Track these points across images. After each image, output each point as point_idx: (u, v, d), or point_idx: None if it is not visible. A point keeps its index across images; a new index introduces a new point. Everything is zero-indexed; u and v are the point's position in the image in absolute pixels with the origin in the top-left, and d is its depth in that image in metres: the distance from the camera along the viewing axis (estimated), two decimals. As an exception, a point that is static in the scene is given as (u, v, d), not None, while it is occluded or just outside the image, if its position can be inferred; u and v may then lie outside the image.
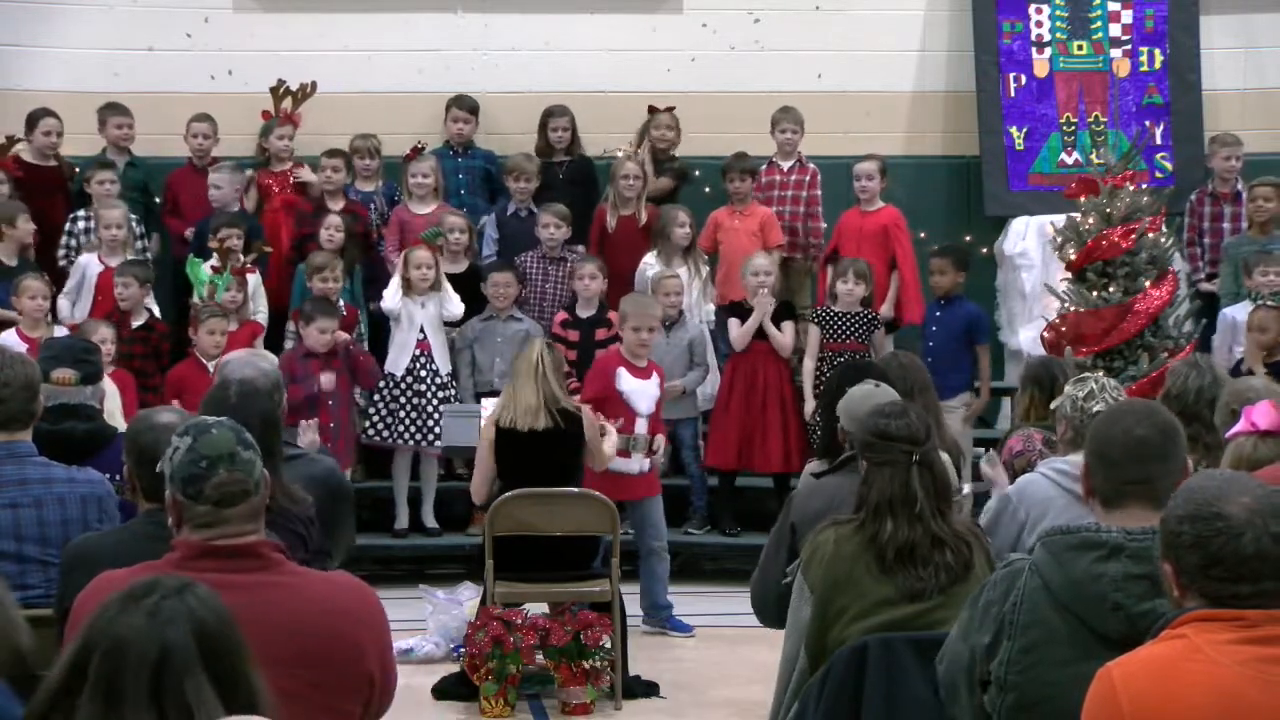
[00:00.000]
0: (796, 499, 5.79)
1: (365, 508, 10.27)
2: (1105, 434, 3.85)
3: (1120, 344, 9.66)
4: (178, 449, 3.62)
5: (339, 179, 11.25)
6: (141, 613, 2.67)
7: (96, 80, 11.76)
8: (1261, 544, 3.00)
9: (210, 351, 9.89)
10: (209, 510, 3.55)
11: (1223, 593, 3.02)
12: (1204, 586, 3.03)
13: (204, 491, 3.55)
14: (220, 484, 3.55)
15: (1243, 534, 3.01)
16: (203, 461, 3.57)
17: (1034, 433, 6.94)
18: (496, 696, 7.58)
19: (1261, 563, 3.00)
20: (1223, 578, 3.01)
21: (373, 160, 11.49)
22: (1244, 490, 3.09)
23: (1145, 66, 12.12)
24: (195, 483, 3.56)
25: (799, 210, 11.44)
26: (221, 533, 3.56)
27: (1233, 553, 3.00)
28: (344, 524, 5.64)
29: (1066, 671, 3.60)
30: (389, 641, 3.74)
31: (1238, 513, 3.03)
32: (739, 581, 9.53)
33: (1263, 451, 4.92)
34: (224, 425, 3.67)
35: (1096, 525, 3.73)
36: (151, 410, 4.87)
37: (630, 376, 9.20)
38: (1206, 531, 3.02)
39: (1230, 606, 3.00)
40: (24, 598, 4.98)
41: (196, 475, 3.57)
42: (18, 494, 5.23)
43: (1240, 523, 3.02)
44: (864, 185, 11.19)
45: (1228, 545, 3.01)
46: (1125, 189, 9.92)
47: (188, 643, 2.64)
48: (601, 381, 9.23)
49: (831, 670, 4.66)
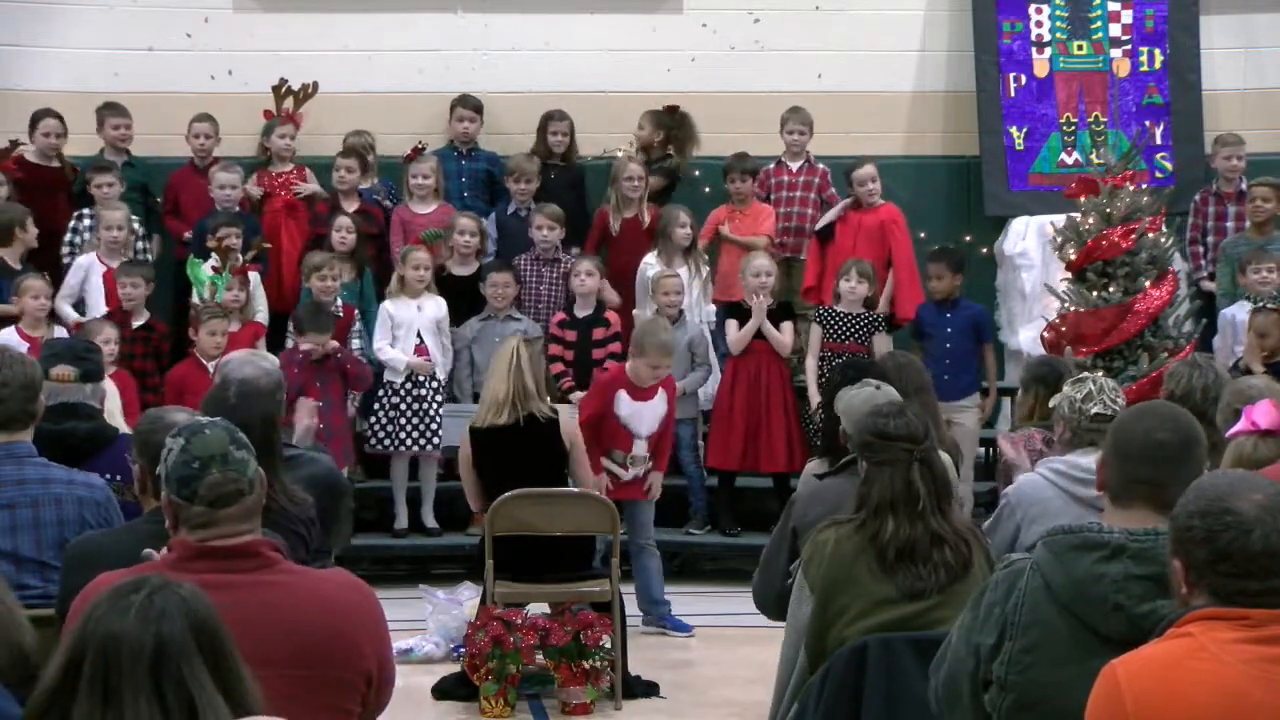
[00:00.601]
0: (797, 505, 5.80)
1: (365, 508, 10.28)
2: (1127, 431, 3.85)
3: (1120, 344, 9.66)
4: (171, 450, 3.62)
5: (352, 179, 11.25)
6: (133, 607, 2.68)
7: (97, 80, 11.77)
8: (1270, 541, 3.01)
9: (211, 352, 9.89)
10: (204, 511, 3.55)
11: (1230, 589, 3.01)
12: (1212, 582, 3.03)
13: (198, 492, 3.55)
14: (213, 484, 3.55)
15: (1252, 530, 3.01)
16: (195, 462, 3.57)
17: (1034, 433, 6.95)
18: (496, 696, 7.58)
19: (1270, 560, 3.00)
20: (1230, 573, 3.01)
21: (368, 157, 11.51)
22: (1256, 488, 3.09)
23: (1145, 66, 12.13)
24: (189, 484, 3.56)
25: (807, 211, 11.45)
26: (217, 533, 3.56)
27: (1241, 549, 3.01)
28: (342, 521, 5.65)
29: (1067, 671, 3.60)
30: (387, 640, 3.74)
31: (1248, 509, 3.03)
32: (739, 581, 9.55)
33: (1263, 451, 4.92)
34: (217, 425, 3.66)
35: (1099, 525, 3.72)
36: (162, 410, 4.86)
37: (630, 400, 9.11)
38: (1216, 526, 3.02)
39: (1237, 603, 3.00)
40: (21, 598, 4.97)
41: (190, 476, 3.57)
42: (16, 494, 5.22)
43: (1250, 519, 3.02)
44: (870, 189, 11.19)
45: (1236, 541, 3.01)
46: (1125, 189, 9.92)
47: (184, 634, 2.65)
48: (599, 402, 9.17)
49: (831, 670, 4.67)
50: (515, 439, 7.93)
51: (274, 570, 3.59)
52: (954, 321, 10.80)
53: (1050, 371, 7.31)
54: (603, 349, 10.65)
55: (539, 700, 7.81)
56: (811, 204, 11.45)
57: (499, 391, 7.96)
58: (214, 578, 3.36)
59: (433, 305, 10.58)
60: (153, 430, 4.47)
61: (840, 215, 11.16)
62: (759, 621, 5.88)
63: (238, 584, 3.47)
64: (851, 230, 11.17)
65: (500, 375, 8.01)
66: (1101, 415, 5.59)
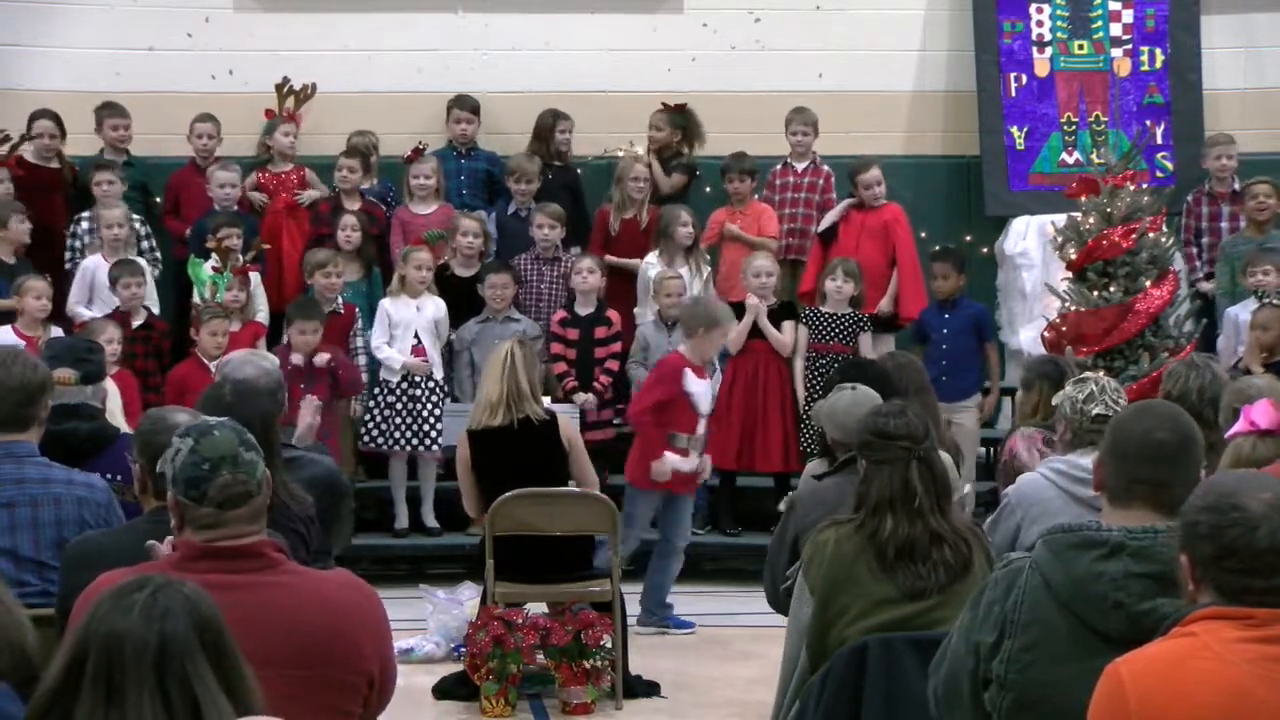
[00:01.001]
0: (798, 506, 5.80)
1: (365, 507, 10.27)
2: (1125, 431, 3.85)
3: (1121, 344, 9.65)
4: (179, 451, 3.61)
5: (355, 179, 11.25)
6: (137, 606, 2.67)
7: (97, 80, 11.77)
8: (1276, 539, 3.01)
9: (212, 352, 9.89)
10: (211, 512, 3.55)
11: (1235, 585, 3.02)
12: (1217, 578, 3.04)
13: (207, 494, 3.55)
14: (223, 486, 3.55)
15: (1258, 527, 3.02)
16: (205, 464, 3.57)
17: (1035, 433, 6.93)
18: (497, 696, 7.58)
19: (1276, 557, 3.01)
20: (1236, 570, 3.02)
21: (370, 157, 11.52)
22: (1264, 487, 3.10)
23: (1146, 66, 12.12)
24: (197, 485, 3.56)
25: (812, 213, 11.43)
26: (223, 534, 3.56)
27: (1246, 545, 3.01)
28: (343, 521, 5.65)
29: (1066, 670, 3.60)
30: (389, 640, 3.74)
31: (1256, 507, 3.04)
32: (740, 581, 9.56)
33: (1262, 451, 4.91)
34: (226, 426, 3.66)
35: (1098, 524, 3.73)
36: (164, 410, 4.84)
37: (695, 378, 9.16)
38: (1222, 522, 3.03)
39: (1242, 601, 3.01)
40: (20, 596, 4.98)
41: (199, 477, 3.57)
42: (15, 493, 5.22)
43: (1257, 516, 3.03)
44: (875, 192, 11.18)
45: (1242, 538, 3.02)
46: (1126, 189, 9.91)
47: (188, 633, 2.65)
48: (672, 384, 9.13)
49: (832, 670, 4.67)
50: (510, 441, 7.91)
51: (277, 571, 3.59)
52: (954, 321, 10.81)
53: (1054, 369, 7.27)
54: (605, 348, 10.65)
55: (540, 700, 7.81)
56: (816, 206, 11.43)
57: (492, 393, 7.94)
58: (216, 578, 3.36)
59: (431, 306, 10.57)
60: (154, 431, 4.46)
61: (842, 215, 11.16)
62: (760, 621, 5.90)
63: (240, 584, 3.48)
64: (855, 230, 11.17)
65: (494, 377, 7.98)
66: (1103, 416, 5.57)
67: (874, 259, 11.00)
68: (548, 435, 7.96)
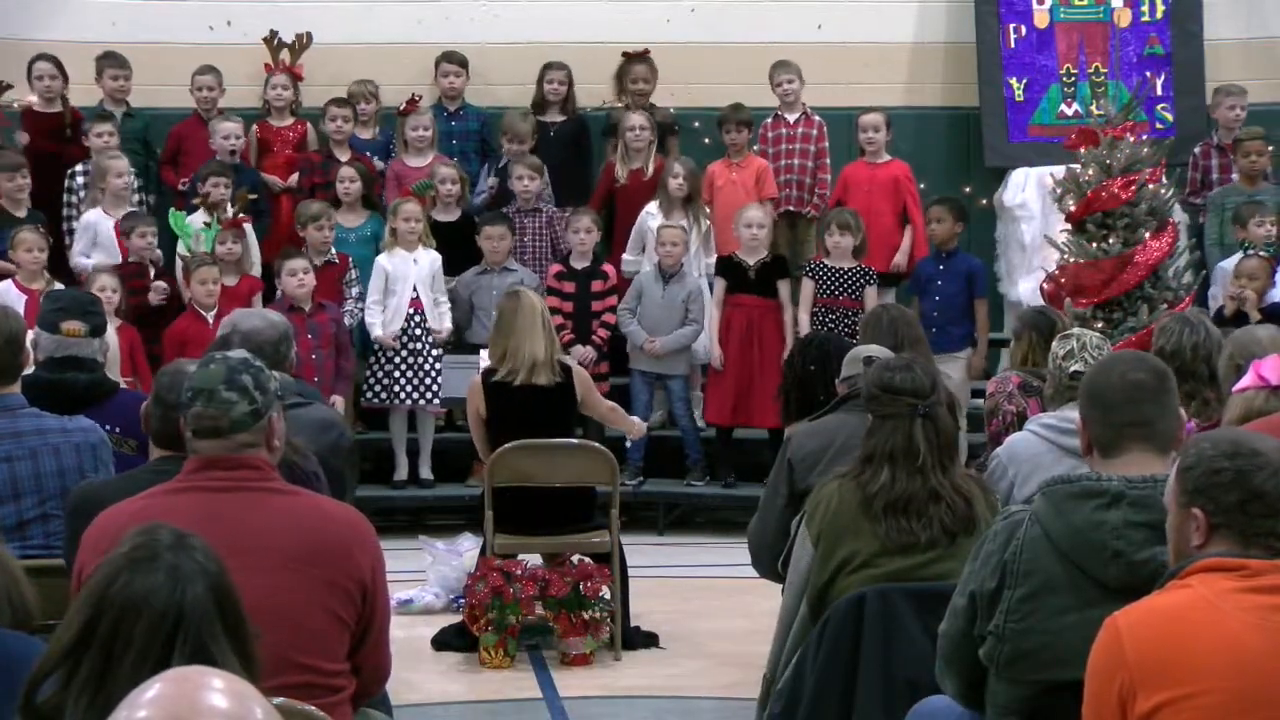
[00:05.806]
0: (795, 438, 5.79)
1: (364, 459, 10.27)
2: (1101, 382, 3.88)
3: (1120, 295, 9.64)
4: (193, 370, 3.88)
5: (348, 129, 11.21)
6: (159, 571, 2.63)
7: (96, 30, 11.71)
8: None
9: (205, 301, 9.84)
10: (189, 436, 3.79)
11: (1260, 529, 3.07)
12: (1242, 524, 3.07)
13: (185, 418, 3.80)
14: (195, 416, 3.77)
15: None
16: (189, 391, 3.79)
17: (1012, 375, 6.97)
18: (496, 647, 7.60)
19: None
20: (1262, 514, 3.06)
21: (369, 106, 11.48)
22: (1266, 437, 3.19)
23: (1146, 16, 12.07)
24: (181, 409, 3.84)
25: (806, 164, 11.37)
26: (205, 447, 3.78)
27: (1275, 488, 3.06)
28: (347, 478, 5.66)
29: (1066, 619, 3.62)
30: (381, 560, 3.86)
31: (1274, 452, 3.10)
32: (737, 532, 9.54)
33: (1273, 404, 4.91)
34: (224, 361, 3.82)
35: (1097, 474, 3.74)
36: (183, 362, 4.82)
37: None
38: (1248, 467, 3.08)
39: (1265, 544, 3.05)
40: (23, 549, 5.01)
41: (181, 403, 3.84)
42: (12, 447, 5.23)
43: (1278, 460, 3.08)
44: (870, 138, 11.16)
45: (1270, 481, 3.06)
46: (1125, 140, 9.88)
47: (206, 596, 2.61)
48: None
49: (830, 621, 4.68)
50: (550, 396, 7.89)
51: (274, 480, 3.80)
52: (948, 274, 10.79)
53: (1043, 319, 7.28)
54: (601, 301, 10.63)
55: (539, 651, 7.82)
56: (811, 156, 11.38)
57: (538, 352, 7.86)
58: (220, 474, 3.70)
59: (427, 258, 10.53)
60: (171, 385, 4.44)
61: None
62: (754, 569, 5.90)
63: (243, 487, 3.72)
64: (863, 186, 11.15)
65: (535, 335, 7.86)
66: (1080, 374, 5.56)
67: (884, 215, 10.97)
68: (571, 387, 7.97)
